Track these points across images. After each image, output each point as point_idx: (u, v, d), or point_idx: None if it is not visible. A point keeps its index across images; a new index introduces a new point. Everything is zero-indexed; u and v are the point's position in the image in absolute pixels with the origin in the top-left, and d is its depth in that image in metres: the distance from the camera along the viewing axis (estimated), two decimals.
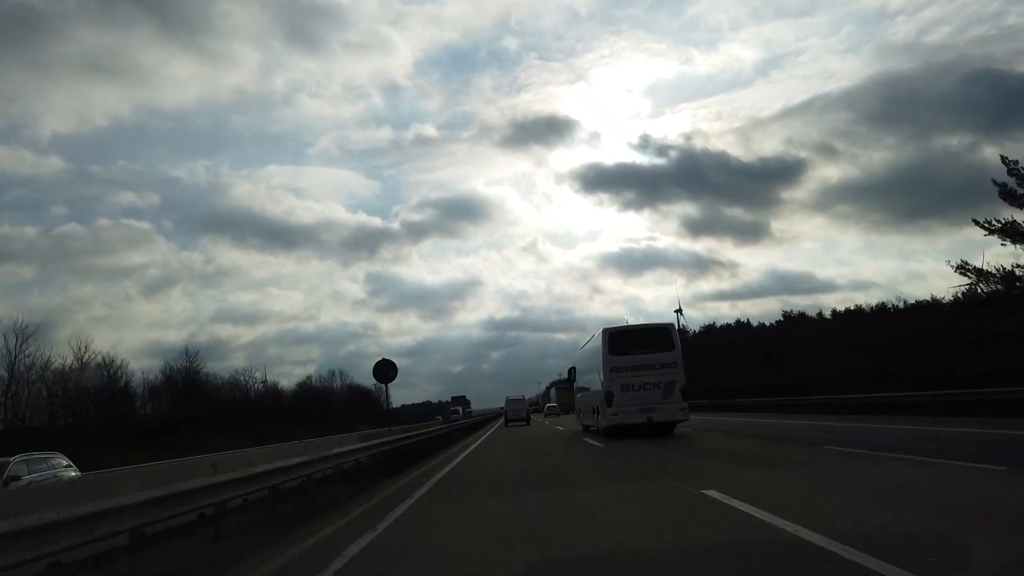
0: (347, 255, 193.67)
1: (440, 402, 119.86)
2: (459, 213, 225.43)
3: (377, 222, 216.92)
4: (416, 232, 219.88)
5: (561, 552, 5.96)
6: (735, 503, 7.40)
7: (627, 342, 21.41)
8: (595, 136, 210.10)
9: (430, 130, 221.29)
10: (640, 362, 20.98)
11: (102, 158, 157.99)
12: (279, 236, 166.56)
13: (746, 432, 20.73)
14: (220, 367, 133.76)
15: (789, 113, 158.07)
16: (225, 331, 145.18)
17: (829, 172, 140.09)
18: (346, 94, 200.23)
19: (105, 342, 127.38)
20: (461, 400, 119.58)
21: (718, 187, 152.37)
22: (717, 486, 8.61)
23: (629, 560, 5.47)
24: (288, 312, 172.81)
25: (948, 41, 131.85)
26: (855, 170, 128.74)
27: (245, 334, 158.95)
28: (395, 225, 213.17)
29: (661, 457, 14.49)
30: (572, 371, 31.75)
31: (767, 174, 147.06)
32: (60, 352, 63.45)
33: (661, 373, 20.90)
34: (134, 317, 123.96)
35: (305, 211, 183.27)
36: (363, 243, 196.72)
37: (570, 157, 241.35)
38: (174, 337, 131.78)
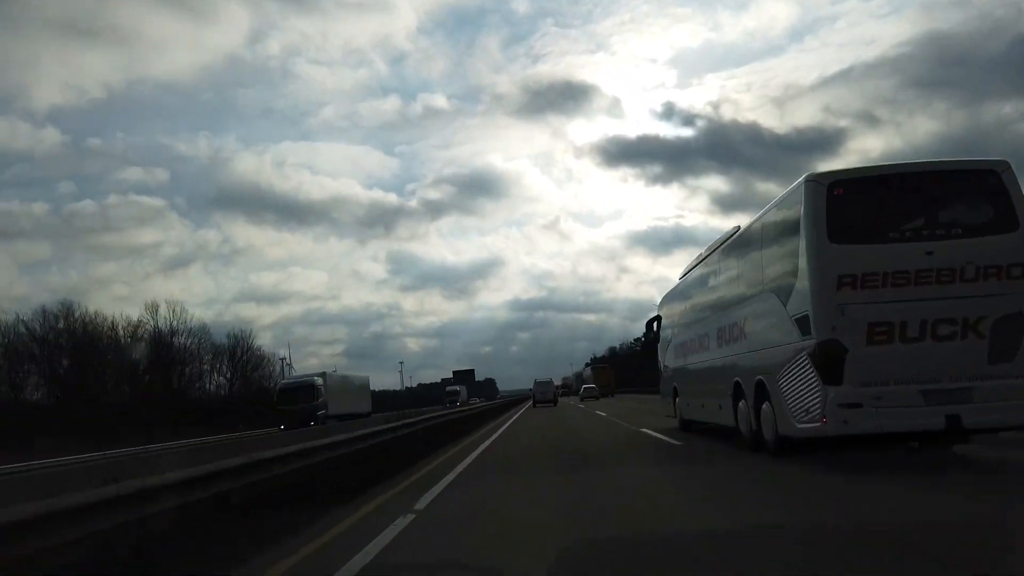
0: (364, 232, 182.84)
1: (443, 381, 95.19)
2: (477, 190, 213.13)
3: (394, 199, 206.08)
4: (434, 209, 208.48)
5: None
6: None
7: (883, 208, 7.97)
8: (616, 105, 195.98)
9: (440, 101, 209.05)
10: (924, 263, 7.60)
11: (101, 131, 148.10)
12: (295, 213, 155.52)
13: None
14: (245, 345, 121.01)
15: (827, 82, 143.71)
16: (249, 310, 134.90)
17: (871, 143, 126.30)
18: (347, 59, 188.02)
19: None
20: (465, 375, 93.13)
21: (750, 160, 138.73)
22: None
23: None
24: (310, 292, 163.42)
25: None
26: (899, 140, 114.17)
27: (268, 314, 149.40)
28: (412, 203, 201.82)
29: None
30: (654, 323, 18.33)
31: (804, 145, 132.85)
32: None
33: (983, 293, 7.53)
34: (156, 296, 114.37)
35: (321, 188, 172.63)
36: (380, 220, 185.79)
37: (590, 129, 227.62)
38: (199, 316, 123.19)
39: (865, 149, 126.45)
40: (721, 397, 11.63)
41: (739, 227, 11.05)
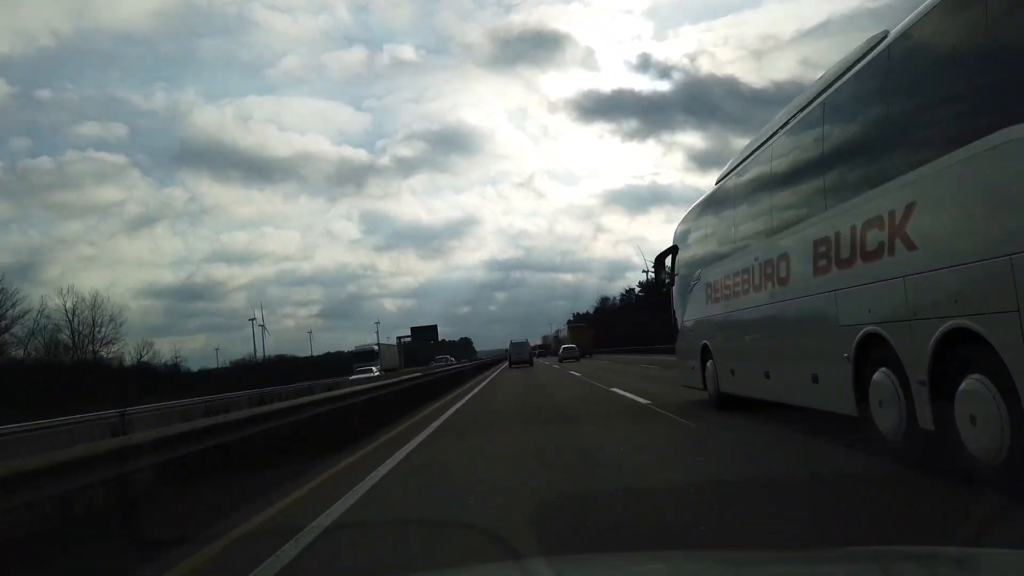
0: (334, 191, 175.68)
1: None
2: (449, 146, 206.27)
3: (364, 156, 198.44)
4: (406, 167, 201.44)
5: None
6: None
7: None
8: (590, 56, 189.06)
9: (407, 52, 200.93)
10: None
11: (51, 82, 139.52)
12: (262, 170, 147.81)
13: None
14: (218, 308, 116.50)
15: (805, 34, 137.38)
16: (220, 271, 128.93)
17: None
18: (308, 5, 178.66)
19: (99, 282, 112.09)
20: (425, 332, 73.38)
21: (727, 115, 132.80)
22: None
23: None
24: (282, 252, 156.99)
25: None
26: None
27: (241, 275, 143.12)
28: (383, 160, 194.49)
29: None
30: (665, 259, 13.16)
31: (782, 100, 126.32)
32: None
33: None
34: (123, 257, 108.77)
35: (288, 144, 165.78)
36: (350, 178, 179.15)
37: (564, 82, 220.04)
38: (171, 278, 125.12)
39: None
40: (819, 361, 6.62)
41: (887, 31, 5.77)
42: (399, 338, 78.63)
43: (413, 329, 78.81)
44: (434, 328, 79.95)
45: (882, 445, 5.66)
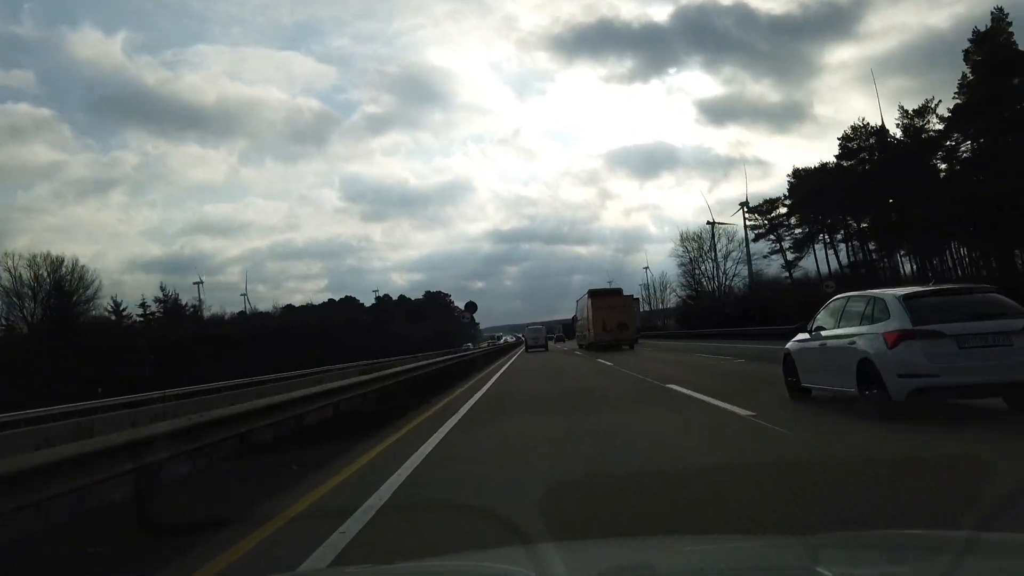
0: (299, 151, 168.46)
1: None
2: (420, 97, 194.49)
3: (329, 110, 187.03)
4: (375, 123, 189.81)
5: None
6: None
7: None
8: None
9: None
10: None
11: None
12: (215, 129, 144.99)
13: None
14: (217, 282, 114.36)
15: None
16: (204, 243, 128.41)
17: (894, 18, 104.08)
18: None
19: (83, 255, 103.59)
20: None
21: (739, 48, 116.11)
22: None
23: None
24: (266, 223, 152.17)
25: None
26: (932, 15, 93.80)
27: (227, 247, 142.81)
28: (352, 115, 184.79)
29: None
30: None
31: (809, 26, 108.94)
32: None
33: None
34: (94, 228, 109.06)
35: (240, 97, 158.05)
36: (313, 136, 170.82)
37: (536, 6, 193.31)
38: (158, 252, 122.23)
39: (888, 27, 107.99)
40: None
41: None
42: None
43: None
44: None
45: None
